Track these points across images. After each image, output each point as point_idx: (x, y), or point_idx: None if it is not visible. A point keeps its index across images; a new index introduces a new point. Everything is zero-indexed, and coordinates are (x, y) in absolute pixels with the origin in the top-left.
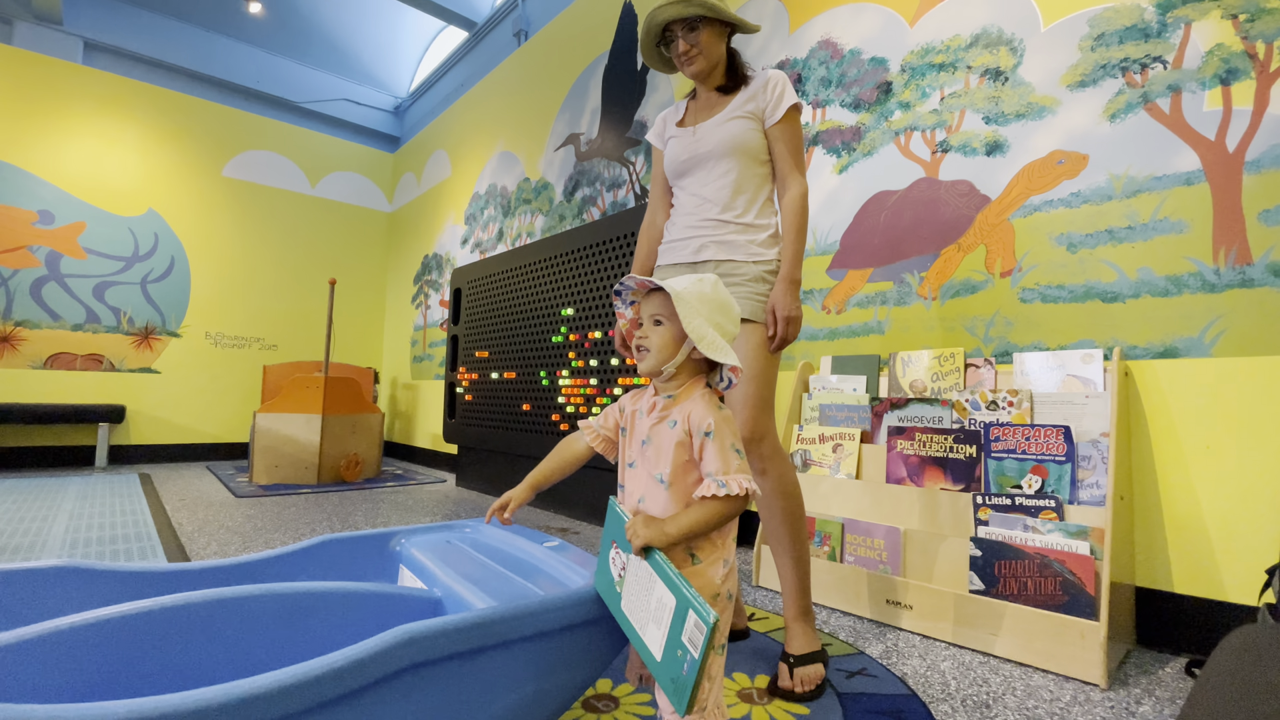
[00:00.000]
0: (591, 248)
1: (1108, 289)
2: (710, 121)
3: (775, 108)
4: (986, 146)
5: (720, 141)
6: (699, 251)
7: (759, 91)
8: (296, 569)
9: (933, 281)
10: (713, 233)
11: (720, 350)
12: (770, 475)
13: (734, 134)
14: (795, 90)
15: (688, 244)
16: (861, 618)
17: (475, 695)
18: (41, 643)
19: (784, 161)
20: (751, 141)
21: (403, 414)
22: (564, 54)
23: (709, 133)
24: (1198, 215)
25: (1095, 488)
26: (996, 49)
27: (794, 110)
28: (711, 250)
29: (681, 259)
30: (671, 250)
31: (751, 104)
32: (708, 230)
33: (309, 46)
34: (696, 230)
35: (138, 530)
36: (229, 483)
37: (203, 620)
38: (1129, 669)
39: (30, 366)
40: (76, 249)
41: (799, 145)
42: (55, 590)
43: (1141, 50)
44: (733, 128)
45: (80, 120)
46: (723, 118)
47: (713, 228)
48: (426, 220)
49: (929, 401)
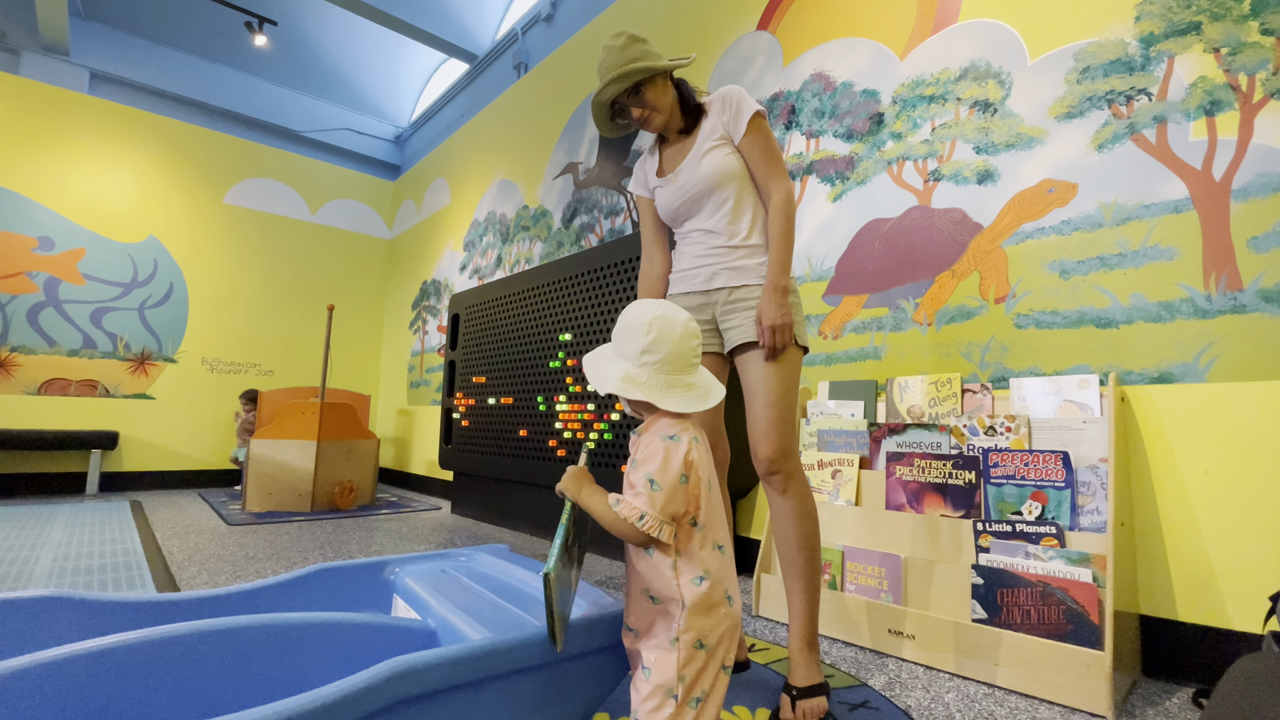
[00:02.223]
0: (589, 274)
1: (1101, 314)
2: (686, 162)
3: (736, 123)
4: (978, 175)
5: (704, 178)
6: (711, 279)
7: (718, 114)
8: (288, 599)
9: (928, 307)
10: (722, 260)
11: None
12: (790, 496)
13: (713, 166)
14: (789, 119)
15: (699, 273)
16: (863, 648)
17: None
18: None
19: (761, 171)
20: (732, 166)
21: (398, 440)
22: (563, 85)
23: (689, 173)
24: (1187, 242)
25: (1095, 514)
26: (985, 81)
27: (757, 117)
28: (724, 277)
29: (694, 287)
30: (683, 279)
31: (718, 130)
32: (718, 258)
33: (312, 78)
34: (706, 259)
35: (127, 559)
36: (221, 510)
37: (192, 652)
38: (1135, 700)
39: (24, 392)
40: (75, 275)
41: (772, 150)
42: (43, 621)
43: (1126, 83)
44: (710, 161)
45: (84, 148)
46: (696, 155)
47: (722, 255)
48: (426, 247)
49: (927, 427)
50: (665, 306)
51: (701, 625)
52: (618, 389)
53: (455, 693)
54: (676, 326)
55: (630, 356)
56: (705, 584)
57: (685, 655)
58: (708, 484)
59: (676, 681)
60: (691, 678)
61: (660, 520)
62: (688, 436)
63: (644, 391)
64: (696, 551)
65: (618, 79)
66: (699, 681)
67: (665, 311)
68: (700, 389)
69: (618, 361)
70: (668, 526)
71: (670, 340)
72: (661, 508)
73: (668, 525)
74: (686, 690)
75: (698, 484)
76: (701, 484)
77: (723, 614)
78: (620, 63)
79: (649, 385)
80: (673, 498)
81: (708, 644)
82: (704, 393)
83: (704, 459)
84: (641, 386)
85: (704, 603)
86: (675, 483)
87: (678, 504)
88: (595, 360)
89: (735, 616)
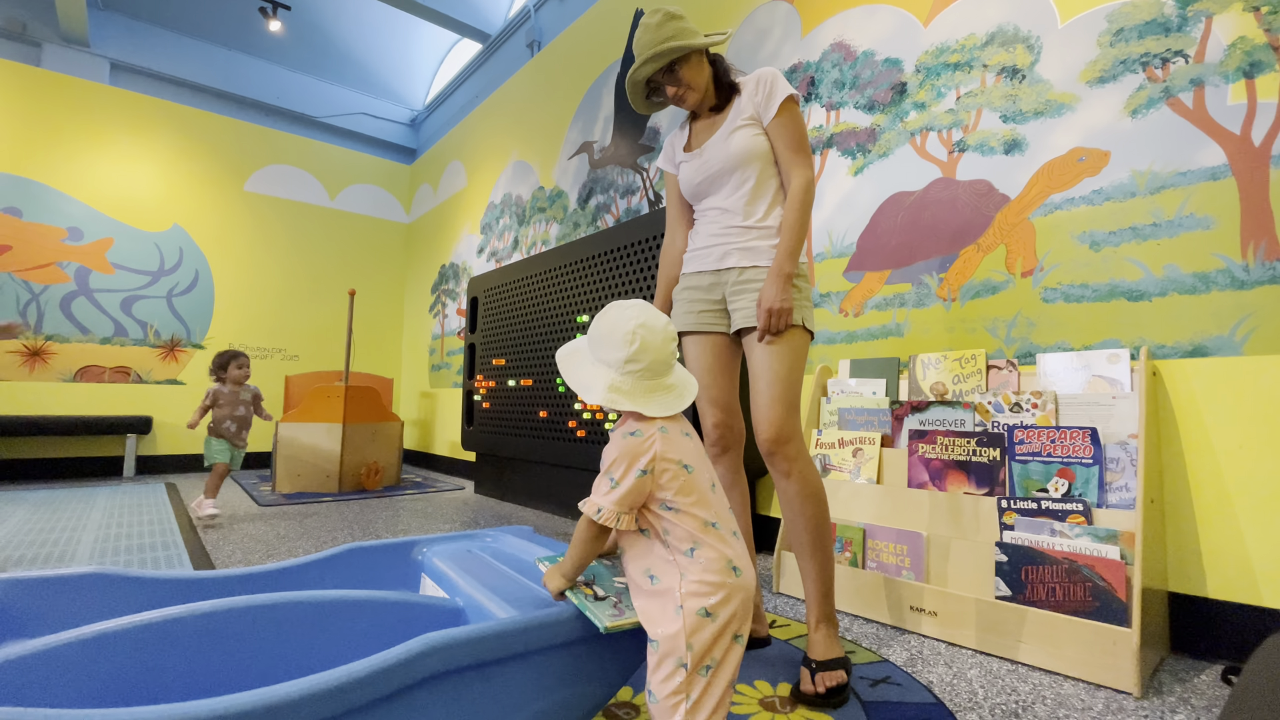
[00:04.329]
0: (606, 254)
1: (1133, 287)
2: (714, 139)
3: (768, 105)
4: (1004, 145)
5: (729, 157)
6: (723, 259)
7: (750, 95)
8: (320, 577)
9: (952, 282)
10: (736, 240)
11: (586, 391)
12: (794, 478)
13: (739, 146)
14: (808, 90)
15: (711, 251)
16: (884, 625)
17: (498, 704)
18: (79, 647)
19: (784, 155)
20: (758, 147)
21: (421, 422)
22: (577, 63)
23: (715, 151)
24: (1225, 211)
25: (1124, 490)
26: (1013, 47)
27: (789, 102)
28: (735, 257)
29: (705, 266)
30: (696, 258)
31: (748, 110)
32: (732, 238)
33: (327, 62)
34: (720, 238)
35: (164, 539)
36: (252, 491)
37: (233, 626)
38: (1163, 677)
39: (60, 380)
40: (105, 264)
41: (799, 135)
42: (89, 596)
43: (1162, 45)
44: (736, 140)
45: (107, 139)
46: (724, 133)
47: (736, 235)
48: (443, 230)
49: (950, 404)
50: (646, 313)
51: (702, 592)
52: (604, 401)
53: (485, 668)
54: (657, 333)
55: (613, 364)
56: (698, 553)
57: (691, 623)
58: (682, 467)
59: (685, 650)
60: (700, 646)
61: (617, 511)
62: (651, 429)
63: (630, 401)
64: (684, 528)
65: (653, 58)
66: (710, 650)
67: (646, 319)
68: (678, 388)
69: (599, 369)
70: (625, 516)
71: (653, 348)
72: (618, 500)
73: (625, 515)
74: (696, 659)
75: (666, 472)
76: (673, 468)
77: (729, 584)
78: (655, 41)
79: (634, 393)
80: (631, 491)
81: (714, 612)
82: (681, 391)
83: (675, 445)
84: (628, 396)
85: (702, 571)
86: (633, 477)
87: (636, 496)
88: (573, 363)
89: (746, 587)
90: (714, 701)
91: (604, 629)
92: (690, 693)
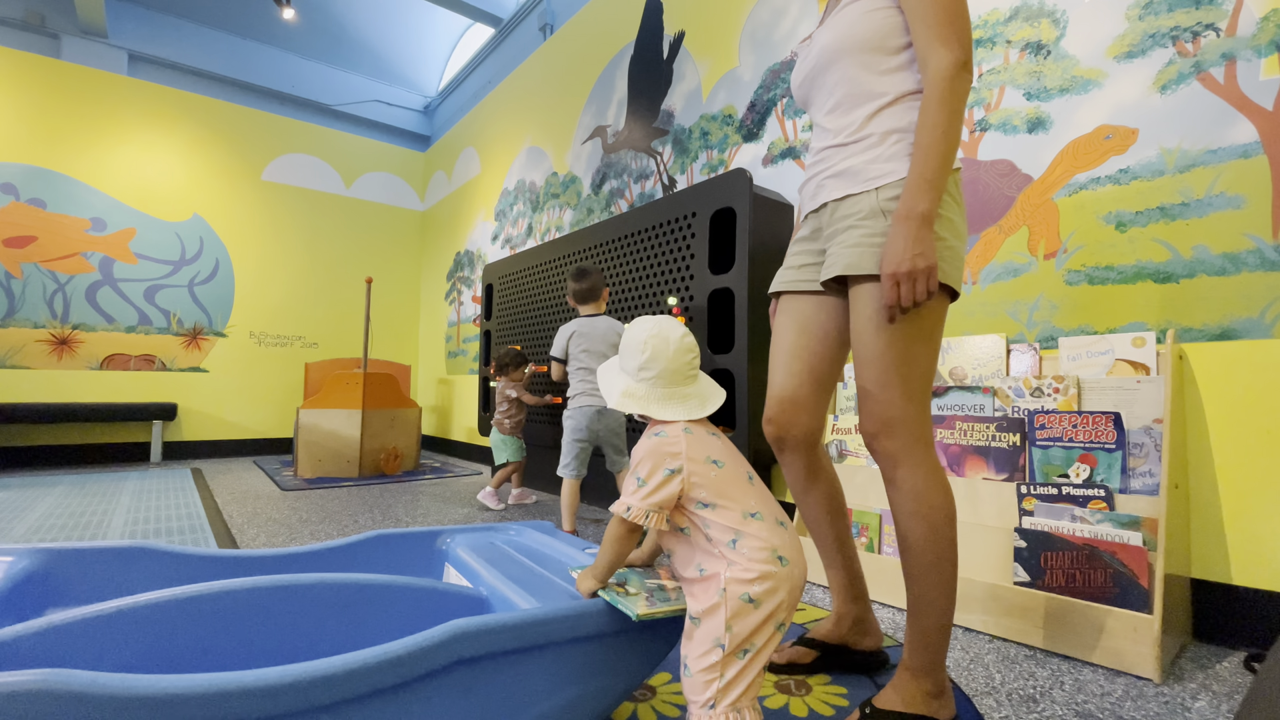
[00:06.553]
0: (619, 240)
1: (1160, 269)
2: (828, 20)
3: None
4: (1028, 124)
5: (828, 44)
6: (816, 195)
7: None
8: (348, 561)
9: (972, 265)
10: (830, 163)
11: (607, 394)
12: (899, 486)
13: (846, 26)
14: None
15: (807, 187)
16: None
17: (523, 692)
18: (126, 616)
19: (920, 34)
20: (875, 26)
21: (439, 408)
22: (589, 46)
23: (825, 32)
24: (1256, 189)
25: (1148, 476)
26: (1037, 21)
27: None
28: (829, 188)
29: (808, 208)
30: (802, 198)
31: None
32: (826, 162)
33: (340, 49)
34: (815, 166)
35: (191, 522)
36: (275, 476)
37: (266, 604)
38: (1184, 663)
39: (88, 368)
40: (128, 254)
41: (945, 4)
42: (131, 568)
43: (1192, 18)
44: (846, 17)
45: (127, 130)
46: (841, 7)
47: (829, 156)
48: (458, 217)
49: (970, 389)
50: (662, 325)
51: (747, 579)
52: (618, 404)
53: (510, 656)
54: (670, 344)
55: (630, 372)
56: (741, 544)
57: (734, 607)
58: (711, 463)
59: (724, 632)
60: (741, 630)
61: (646, 509)
62: (675, 430)
63: (641, 405)
64: (723, 522)
65: None
66: (752, 637)
67: (660, 330)
68: (697, 399)
69: (620, 376)
70: (655, 514)
71: (664, 357)
72: (644, 498)
73: (655, 513)
74: (735, 642)
75: (696, 471)
76: (701, 466)
77: (776, 572)
78: None
79: (646, 399)
80: (658, 488)
81: (758, 599)
82: (701, 401)
83: (702, 443)
84: (639, 400)
85: (747, 560)
86: (660, 476)
87: (666, 495)
88: (605, 372)
89: (795, 579)
90: (746, 683)
91: (635, 616)
92: (725, 673)
